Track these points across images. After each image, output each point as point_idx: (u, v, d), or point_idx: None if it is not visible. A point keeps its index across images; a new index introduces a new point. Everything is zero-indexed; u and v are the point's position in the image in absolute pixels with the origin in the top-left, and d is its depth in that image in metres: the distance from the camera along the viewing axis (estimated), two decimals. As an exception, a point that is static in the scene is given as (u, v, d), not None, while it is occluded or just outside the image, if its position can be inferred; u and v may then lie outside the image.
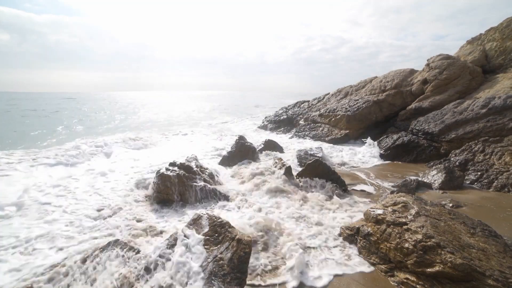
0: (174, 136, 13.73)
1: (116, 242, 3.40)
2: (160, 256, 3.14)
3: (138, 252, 3.29)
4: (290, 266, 3.32)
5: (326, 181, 5.91)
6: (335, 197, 5.51)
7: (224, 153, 8.43)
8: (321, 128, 12.47)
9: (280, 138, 12.79)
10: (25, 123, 19.56)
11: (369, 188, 6.19)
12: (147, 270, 3.03)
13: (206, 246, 3.08)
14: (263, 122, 17.96)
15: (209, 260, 2.92)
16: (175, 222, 4.51)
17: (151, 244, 3.67)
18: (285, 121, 16.34)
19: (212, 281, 2.73)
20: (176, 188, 5.28)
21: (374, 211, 3.80)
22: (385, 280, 3.21)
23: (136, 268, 3.06)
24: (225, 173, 7.09)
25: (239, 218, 4.31)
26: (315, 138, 11.97)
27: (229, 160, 7.91)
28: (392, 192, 5.53)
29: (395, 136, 9.57)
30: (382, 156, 8.99)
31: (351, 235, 3.99)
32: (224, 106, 40.81)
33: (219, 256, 2.94)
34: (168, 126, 18.65)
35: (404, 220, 3.40)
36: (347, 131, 11.46)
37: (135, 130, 16.16)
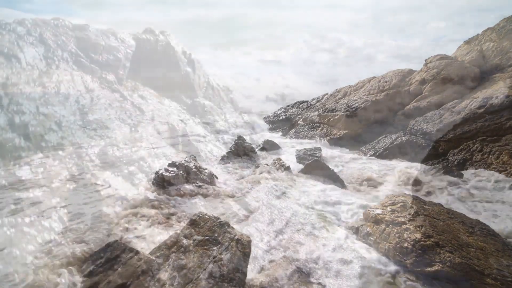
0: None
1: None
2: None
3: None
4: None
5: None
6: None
7: (223, 153, 8.43)
8: (320, 128, 12.47)
9: (279, 138, 12.77)
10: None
11: (368, 187, 6.20)
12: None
13: (205, 247, 3.08)
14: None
15: (208, 260, 2.91)
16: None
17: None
18: (284, 121, 16.32)
19: (211, 282, 2.73)
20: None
21: (373, 211, 3.81)
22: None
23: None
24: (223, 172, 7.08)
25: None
26: (314, 138, 11.97)
27: (228, 159, 7.90)
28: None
29: (393, 136, 9.60)
30: (380, 156, 9.01)
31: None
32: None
33: (218, 256, 2.93)
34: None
35: (403, 219, 3.41)
36: (346, 131, 11.47)
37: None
